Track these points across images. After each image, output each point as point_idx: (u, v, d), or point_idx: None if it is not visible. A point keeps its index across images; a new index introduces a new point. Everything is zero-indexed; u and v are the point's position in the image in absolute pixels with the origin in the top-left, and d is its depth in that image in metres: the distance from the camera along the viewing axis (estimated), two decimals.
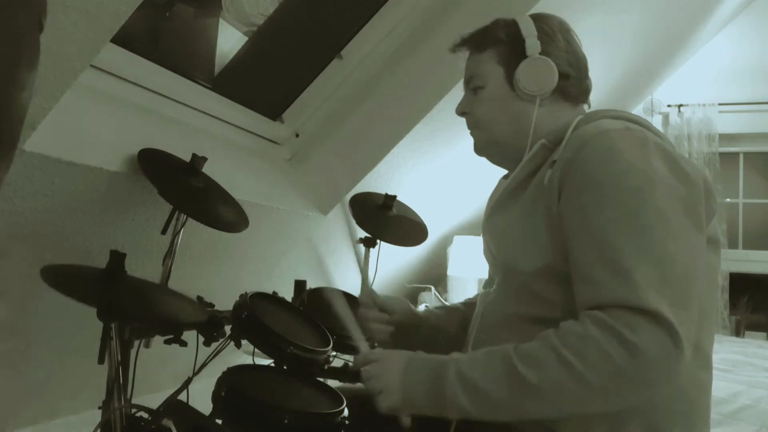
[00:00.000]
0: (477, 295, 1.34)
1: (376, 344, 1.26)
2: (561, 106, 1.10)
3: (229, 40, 2.10)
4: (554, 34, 1.10)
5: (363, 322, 1.25)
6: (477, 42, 1.15)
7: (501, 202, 1.12)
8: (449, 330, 1.25)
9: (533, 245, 0.99)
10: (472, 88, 1.15)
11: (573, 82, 1.11)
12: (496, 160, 1.19)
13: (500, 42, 1.11)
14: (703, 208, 0.94)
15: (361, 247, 2.03)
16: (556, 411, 0.86)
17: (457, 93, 2.00)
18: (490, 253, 1.16)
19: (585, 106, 1.15)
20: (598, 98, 1.18)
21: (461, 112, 1.18)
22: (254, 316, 1.24)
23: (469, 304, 1.31)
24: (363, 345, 1.10)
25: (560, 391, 0.84)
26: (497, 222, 1.12)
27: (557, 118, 1.08)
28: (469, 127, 1.18)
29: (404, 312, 1.27)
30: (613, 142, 0.94)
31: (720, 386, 2.01)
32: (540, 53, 1.07)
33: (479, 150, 1.18)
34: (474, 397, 0.89)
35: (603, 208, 0.90)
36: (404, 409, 0.95)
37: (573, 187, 0.94)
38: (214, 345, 1.28)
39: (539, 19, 1.11)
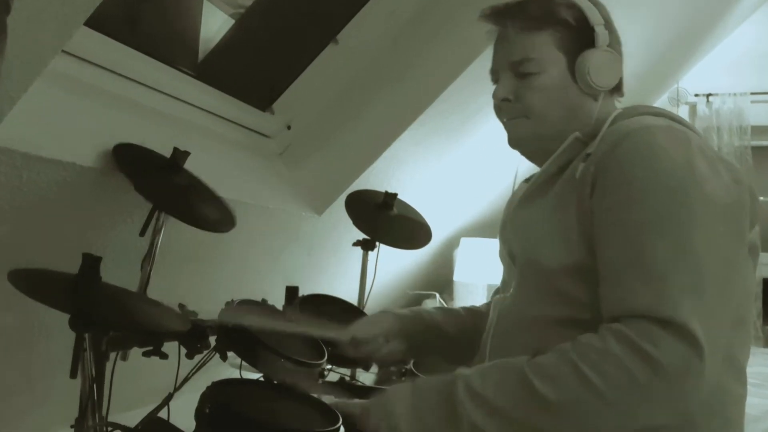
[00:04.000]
0: (483, 305, 1.34)
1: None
2: (608, 100, 1.12)
3: (215, 23, 2.11)
4: (612, 24, 1.11)
5: (369, 358, 1.28)
6: (534, 18, 1.09)
7: (527, 197, 1.13)
8: (445, 331, 1.26)
9: (561, 241, 1.00)
10: (521, 72, 1.09)
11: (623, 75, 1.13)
12: (531, 154, 1.17)
13: (565, 24, 1.08)
14: (747, 216, 0.96)
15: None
16: (574, 428, 0.88)
17: (464, 82, 2.01)
18: (508, 254, 1.17)
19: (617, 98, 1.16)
20: None
21: (504, 98, 1.12)
22: (241, 325, 1.24)
23: (471, 311, 1.31)
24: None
25: (579, 409, 0.86)
26: (522, 217, 1.13)
27: (600, 112, 1.09)
28: (509, 116, 1.13)
29: (393, 323, 1.27)
30: (655, 139, 0.95)
31: (751, 402, 2.00)
32: (608, 45, 1.07)
33: (518, 142, 1.14)
34: (490, 415, 0.90)
35: (638, 208, 0.91)
36: None
37: (608, 182, 0.95)
38: (198, 357, 1.28)
39: (597, 5, 1.10)
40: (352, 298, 1.97)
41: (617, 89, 1.13)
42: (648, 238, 0.89)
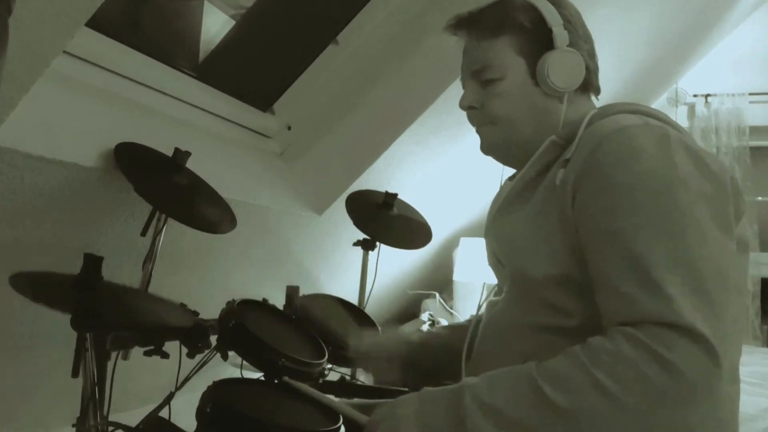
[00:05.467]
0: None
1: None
2: (579, 101, 1.10)
3: (215, 24, 2.10)
4: (576, 22, 1.09)
5: (366, 368, 1.30)
6: (490, 26, 1.09)
7: (507, 203, 1.11)
8: (455, 350, 1.25)
9: (546, 251, 0.98)
10: (483, 80, 1.10)
11: (593, 74, 1.11)
12: (505, 160, 1.17)
13: (521, 29, 1.07)
14: (732, 209, 0.95)
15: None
16: None
17: None
18: (495, 259, 1.16)
19: (594, 98, 1.15)
20: (616, 88, 1.18)
21: (468, 106, 1.13)
22: (242, 325, 1.24)
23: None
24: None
25: (593, 415, 0.84)
26: (504, 225, 1.12)
27: (573, 113, 1.07)
28: (478, 124, 1.14)
29: (400, 346, 1.27)
30: (633, 140, 0.94)
31: (749, 402, 2.01)
32: (568, 45, 1.05)
33: (490, 148, 1.15)
34: (499, 426, 0.88)
35: (626, 213, 0.90)
36: None
37: (590, 190, 0.94)
38: (199, 357, 1.28)
39: (559, 5, 1.09)
40: (352, 297, 1.97)
41: (588, 87, 1.11)
42: (639, 243, 0.88)
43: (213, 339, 1.28)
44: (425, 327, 2.86)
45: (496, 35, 1.08)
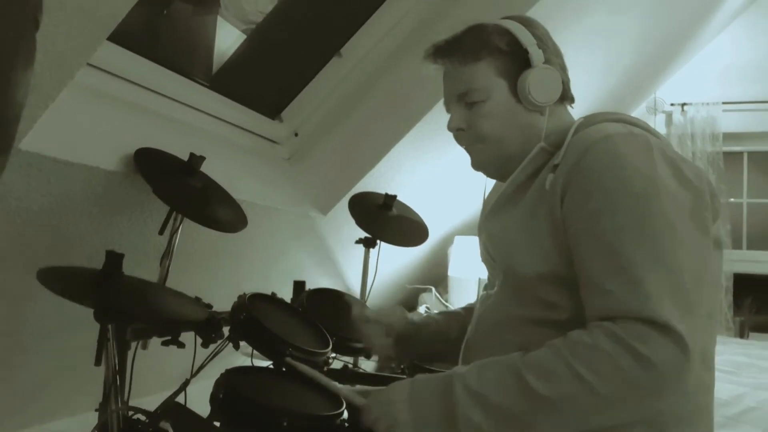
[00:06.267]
0: (477, 301, 1.34)
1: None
2: (558, 111, 1.11)
3: (228, 38, 2.10)
4: (547, 39, 1.10)
5: (363, 338, 1.28)
6: (470, 51, 1.09)
7: (499, 205, 1.12)
8: (449, 335, 1.25)
9: (536, 250, 0.99)
10: (468, 102, 1.09)
11: (567, 86, 1.11)
12: (495, 174, 1.17)
13: (499, 52, 1.07)
14: (709, 212, 0.96)
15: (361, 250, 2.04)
16: (569, 423, 0.87)
17: None
18: (489, 257, 1.16)
19: (569, 107, 1.15)
20: (600, 98, 1.18)
21: (456, 128, 1.12)
22: (252, 317, 1.24)
23: (469, 309, 1.31)
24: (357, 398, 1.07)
25: (572, 404, 0.85)
26: (495, 225, 1.12)
27: (556, 123, 1.08)
28: (467, 144, 1.14)
29: (401, 322, 1.27)
30: (618, 147, 0.94)
31: (724, 388, 2.01)
32: (543, 62, 1.06)
33: (480, 165, 1.15)
34: (486, 412, 0.89)
35: (610, 215, 0.91)
36: None
37: (577, 193, 0.94)
38: (212, 346, 1.28)
39: (529, 25, 1.09)
40: (354, 291, 1.97)
41: (564, 98, 1.11)
42: (622, 243, 0.89)
43: (225, 330, 1.28)
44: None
45: (476, 60, 1.08)
